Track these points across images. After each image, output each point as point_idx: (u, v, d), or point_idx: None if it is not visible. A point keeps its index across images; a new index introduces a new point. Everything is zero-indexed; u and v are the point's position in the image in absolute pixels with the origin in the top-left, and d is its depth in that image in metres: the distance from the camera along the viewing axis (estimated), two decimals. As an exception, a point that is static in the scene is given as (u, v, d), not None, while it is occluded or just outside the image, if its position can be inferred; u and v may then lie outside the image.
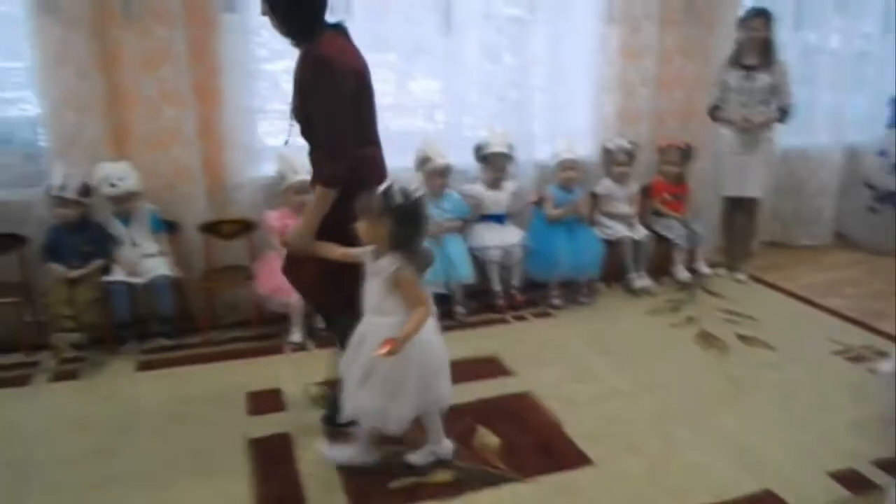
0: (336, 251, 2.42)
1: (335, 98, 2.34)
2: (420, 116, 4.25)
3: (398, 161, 3.94)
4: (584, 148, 4.41)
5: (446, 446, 2.62)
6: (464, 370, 3.29)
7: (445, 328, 3.76)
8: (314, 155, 2.50)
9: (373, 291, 2.34)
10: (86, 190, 3.44)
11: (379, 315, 2.33)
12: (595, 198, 4.41)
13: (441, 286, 3.89)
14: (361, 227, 2.29)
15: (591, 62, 4.36)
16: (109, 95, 3.53)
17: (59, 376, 3.28)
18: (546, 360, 3.45)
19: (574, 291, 4.21)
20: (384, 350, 2.18)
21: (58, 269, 3.41)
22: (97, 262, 3.48)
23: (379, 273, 2.30)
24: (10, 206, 3.50)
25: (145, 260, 3.57)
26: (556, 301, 4.13)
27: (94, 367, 3.36)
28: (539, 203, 4.24)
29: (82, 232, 3.48)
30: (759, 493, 2.45)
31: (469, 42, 4.13)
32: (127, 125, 3.58)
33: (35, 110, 3.53)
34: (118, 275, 3.48)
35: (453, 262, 3.89)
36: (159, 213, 3.65)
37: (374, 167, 2.54)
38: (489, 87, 4.27)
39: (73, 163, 3.45)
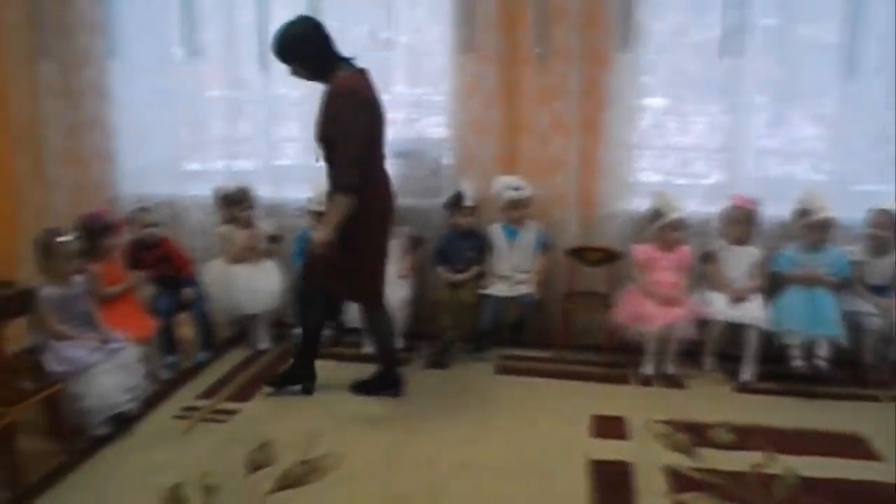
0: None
1: (355, 123, 2.94)
2: (804, 165, 3.99)
3: (776, 209, 3.78)
4: None
5: None
6: (822, 442, 3.07)
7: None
8: (333, 171, 3.03)
9: None
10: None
11: None
12: None
13: (799, 337, 3.61)
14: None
15: None
16: (507, 123, 3.96)
17: (431, 364, 3.79)
18: (926, 453, 3.02)
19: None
20: None
21: (444, 272, 3.91)
22: (476, 269, 3.89)
23: None
24: (416, 212, 4.06)
25: (518, 275, 3.87)
26: (951, 387, 3.57)
27: (461, 363, 3.82)
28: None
29: (468, 239, 3.93)
30: None
31: (873, 86, 3.76)
32: (519, 151, 3.99)
33: (443, 132, 4.11)
34: (494, 288, 3.82)
35: (821, 313, 3.57)
36: (545, 231, 3.96)
37: (379, 181, 3.13)
38: (888, 138, 3.84)
39: (469, 179, 3.94)
